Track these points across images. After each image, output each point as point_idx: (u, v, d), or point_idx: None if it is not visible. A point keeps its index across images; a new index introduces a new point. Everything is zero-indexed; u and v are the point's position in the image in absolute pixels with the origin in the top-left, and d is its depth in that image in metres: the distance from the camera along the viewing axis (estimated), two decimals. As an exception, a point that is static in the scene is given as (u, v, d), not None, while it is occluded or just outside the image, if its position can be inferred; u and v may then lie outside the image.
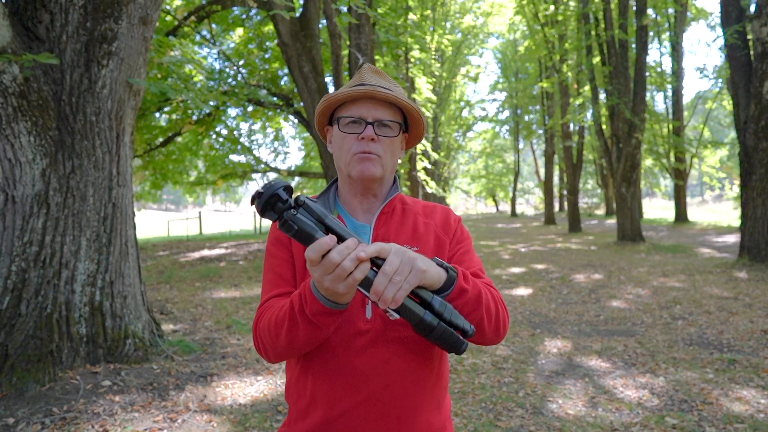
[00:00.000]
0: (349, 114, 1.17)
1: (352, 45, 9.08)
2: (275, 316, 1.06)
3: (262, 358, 1.14)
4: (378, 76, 1.23)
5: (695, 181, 60.56)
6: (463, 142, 40.92)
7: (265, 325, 1.08)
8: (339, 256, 0.87)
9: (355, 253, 0.87)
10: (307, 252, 0.88)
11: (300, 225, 0.90)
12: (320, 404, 1.11)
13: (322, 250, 0.87)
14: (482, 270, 1.22)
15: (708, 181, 26.87)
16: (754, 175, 8.63)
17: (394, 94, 1.16)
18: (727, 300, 6.41)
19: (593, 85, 16.10)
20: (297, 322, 1.00)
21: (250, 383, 3.84)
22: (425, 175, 19.91)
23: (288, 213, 0.90)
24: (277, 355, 1.09)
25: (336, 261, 0.87)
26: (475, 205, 63.78)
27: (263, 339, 1.09)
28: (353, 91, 1.15)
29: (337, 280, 0.88)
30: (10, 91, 3.63)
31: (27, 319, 3.64)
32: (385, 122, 1.16)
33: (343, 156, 1.18)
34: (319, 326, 0.99)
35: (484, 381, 3.90)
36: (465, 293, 1.01)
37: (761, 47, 8.41)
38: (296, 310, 1.00)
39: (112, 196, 4.11)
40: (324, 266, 0.88)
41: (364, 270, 0.88)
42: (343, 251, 0.87)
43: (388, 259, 0.90)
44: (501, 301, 1.12)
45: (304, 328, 1.00)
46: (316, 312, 0.97)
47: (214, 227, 31.38)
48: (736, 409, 3.26)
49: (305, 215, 0.91)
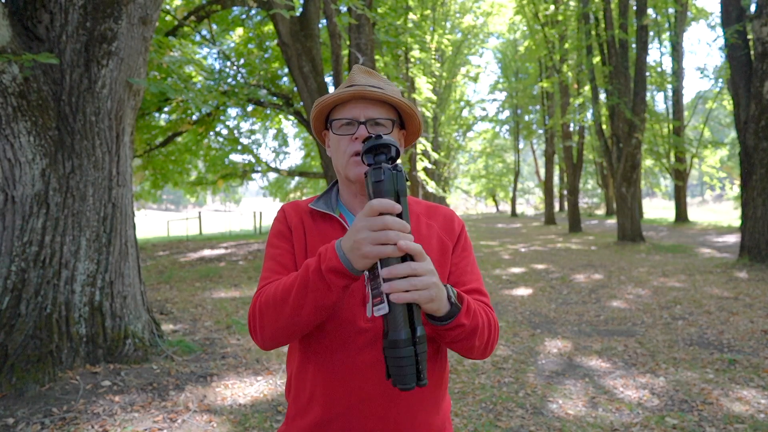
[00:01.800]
0: (341, 116, 1.17)
1: (352, 45, 9.07)
2: (282, 285, 1.03)
3: (255, 342, 1.11)
4: (368, 75, 1.22)
5: (695, 181, 60.55)
6: (463, 142, 40.92)
7: (269, 298, 1.05)
8: (393, 223, 0.89)
9: (404, 234, 0.89)
10: (374, 201, 0.90)
11: (387, 179, 0.92)
12: (319, 403, 1.11)
13: (385, 208, 0.89)
14: (481, 283, 1.22)
15: (708, 181, 26.86)
16: (754, 175, 8.63)
17: (384, 91, 1.15)
18: (728, 300, 6.41)
19: (593, 85, 16.09)
20: (307, 283, 0.98)
21: (250, 383, 3.84)
22: (425, 175, 19.91)
23: (387, 165, 0.93)
24: (275, 332, 1.05)
25: (387, 224, 0.88)
26: (475, 205, 63.77)
27: (263, 313, 1.05)
28: (343, 93, 1.14)
29: (374, 241, 0.89)
30: (9, 91, 3.62)
31: (27, 319, 3.64)
32: (377, 120, 1.16)
33: (339, 158, 1.18)
34: (328, 286, 0.96)
35: (484, 381, 3.90)
36: (461, 327, 1.02)
37: (761, 47, 8.41)
38: (310, 269, 0.98)
39: (112, 196, 4.11)
40: (375, 222, 0.89)
41: (394, 251, 0.89)
42: (397, 224, 0.89)
43: (421, 263, 0.91)
44: (495, 324, 1.14)
45: (314, 290, 0.98)
46: (331, 268, 0.95)
47: (214, 227, 31.39)
48: (737, 409, 3.26)
49: (396, 178, 0.93)
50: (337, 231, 1.18)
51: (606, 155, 16.22)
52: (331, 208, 1.21)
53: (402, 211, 0.92)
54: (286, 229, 1.20)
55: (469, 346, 1.06)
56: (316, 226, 1.19)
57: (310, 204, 1.23)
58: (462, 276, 1.20)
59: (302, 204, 1.25)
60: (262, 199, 51.19)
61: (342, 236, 1.14)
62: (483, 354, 1.12)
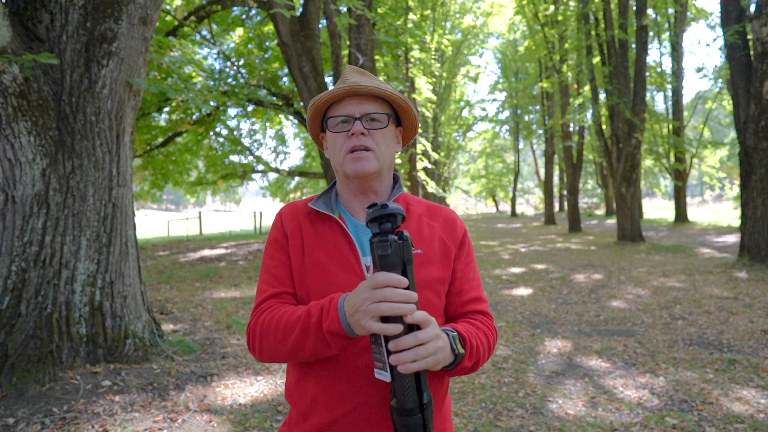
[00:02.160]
0: (336, 114, 1.17)
1: (352, 45, 9.08)
2: (285, 320, 1.06)
3: (252, 356, 1.14)
4: (360, 75, 1.22)
5: (695, 181, 60.56)
6: (463, 142, 40.91)
7: (271, 327, 1.08)
8: (397, 295, 0.90)
9: (408, 309, 0.90)
10: (380, 276, 0.91)
11: (393, 252, 0.92)
12: (321, 406, 1.11)
13: (391, 282, 0.90)
14: (481, 289, 1.23)
15: (708, 181, 26.86)
16: (754, 175, 8.63)
17: (376, 84, 1.16)
18: (727, 300, 6.41)
19: (593, 85, 16.10)
20: (308, 333, 1.02)
21: (250, 383, 3.84)
22: (425, 175, 19.92)
23: (392, 236, 0.93)
24: (273, 357, 1.09)
25: (390, 298, 0.89)
26: (475, 205, 63.76)
27: (263, 338, 1.09)
28: (336, 90, 1.15)
29: (376, 313, 0.91)
30: (10, 91, 3.63)
31: (27, 319, 3.64)
32: (372, 115, 1.16)
33: (336, 155, 1.17)
34: (328, 344, 1.01)
35: (484, 381, 3.90)
36: (464, 369, 1.07)
37: (761, 47, 8.41)
38: (312, 321, 1.01)
39: (112, 196, 4.11)
40: (379, 294, 0.90)
41: (396, 329, 0.91)
42: (401, 297, 0.90)
43: (426, 330, 0.93)
44: (493, 340, 1.17)
45: (313, 342, 1.02)
46: (332, 331, 0.99)
47: (214, 227, 31.39)
48: (736, 409, 3.26)
49: (402, 249, 0.94)
50: (335, 233, 1.17)
51: (606, 155, 16.22)
52: (331, 209, 1.21)
53: (409, 283, 0.93)
54: (282, 237, 1.20)
55: (466, 371, 1.11)
56: (315, 229, 1.19)
57: (309, 203, 1.22)
58: (464, 284, 1.21)
59: (301, 205, 1.24)
60: (262, 199, 51.20)
61: (341, 238, 1.15)
62: (474, 371, 1.18)
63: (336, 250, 1.15)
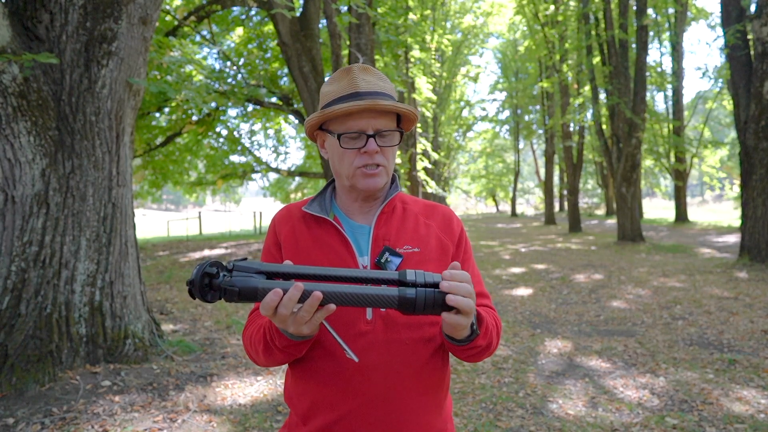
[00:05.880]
0: (347, 129, 1.12)
1: (352, 45, 9.07)
2: (253, 336, 1.12)
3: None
4: (368, 74, 1.17)
5: (695, 181, 60.52)
6: (463, 142, 40.88)
7: (247, 341, 1.15)
8: (286, 309, 0.90)
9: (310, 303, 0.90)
10: (260, 311, 0.92)
11: (240, 285, 0.90)
12: (321, 407, 1.11)
13: (270, 307, 0.90)
14: (483, 285, 1.23)
15: (708, 181, 26.86)
16: (754, 175, 8.63)
17: (394, 103, 1.12)
18: (728, 300, 6.41)
19: (593, 85, 16.09)
20: (271, 349, 1.06)
21: (250, 383, 3.84)
22: (425, 175, 19.90)
23: (223, 281, 0.89)
24: (267, 365, 1.14)
25: (285, 314, 0.91)
26: (475, 205, 63.72)
27: (250, 350, 1.15)
28: (353, 107, 1.09)
29: (298, 324, 0.93)
30: (9, 91, 3.62)
31: (27, 319, 3.64)
32: (384, 133, 1.14)
33: (345, 168, 1.15)
34: (291, 353, 1.06)
35: (485, 381, 3.90)
36: (477, 347, 1.07)
37: (761, 47, 8.41)
38: (268, 338, 1.06)
39: (112, 196, 4.11)
40: (279, 318, 0.92)
41: (321, 315, 0.92)
42: (288, 303, 0.90)
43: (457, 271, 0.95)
44: (500, 328, 1.18)
45: (280, 355, 1.07)
46: (284, 345, 1.03)
47: (214, 227, 31.37)
48: (737, 409, 3.26)
49: (241, 274, 0.91)
50: (331, 235, 1.16)
51: (606, 155, 16.22)
52: (325, 211, 1.20)
53: (280, 273, 0.95)
54: (274, 246, 1.21)
55: (479, 358, 1.12)
56: (310, 232, 1.18)
57: (303, 207, 1.21)
58: None
59: (295, 209, 1.24)
60: (262, 199, 51.20)
61: (336, 240, 1.16)
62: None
63: (333, 252, 1.15)
